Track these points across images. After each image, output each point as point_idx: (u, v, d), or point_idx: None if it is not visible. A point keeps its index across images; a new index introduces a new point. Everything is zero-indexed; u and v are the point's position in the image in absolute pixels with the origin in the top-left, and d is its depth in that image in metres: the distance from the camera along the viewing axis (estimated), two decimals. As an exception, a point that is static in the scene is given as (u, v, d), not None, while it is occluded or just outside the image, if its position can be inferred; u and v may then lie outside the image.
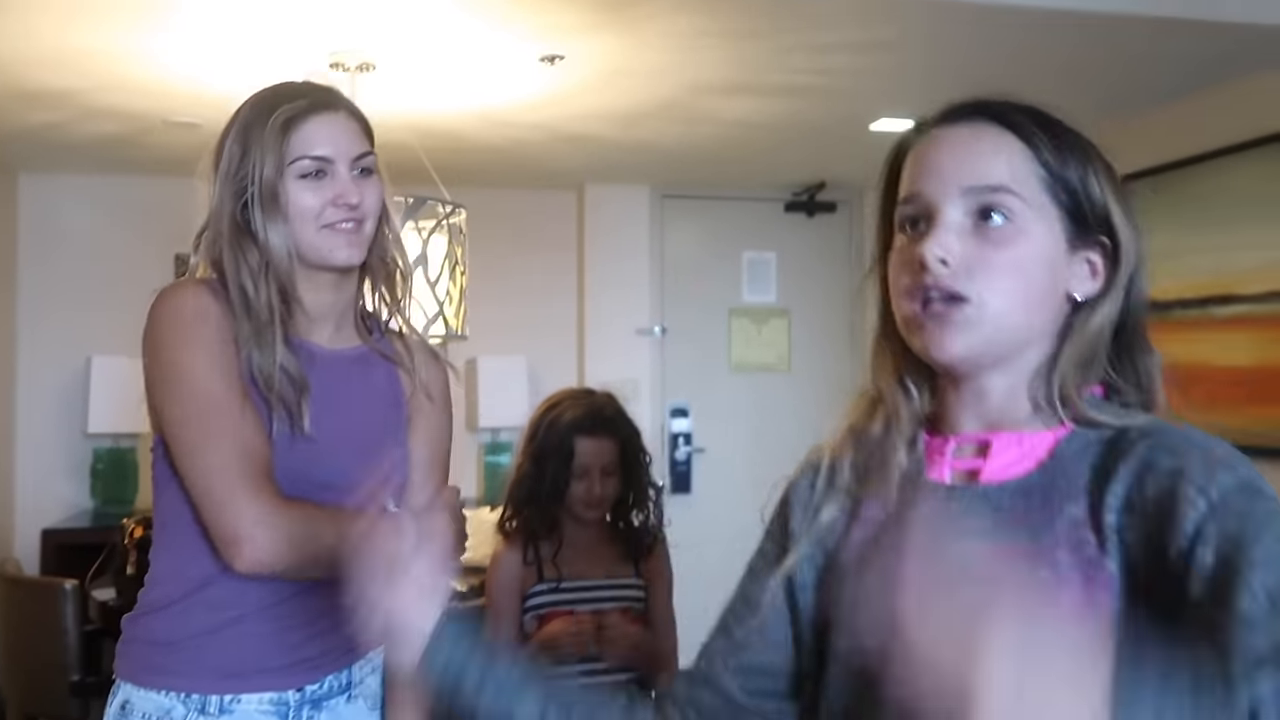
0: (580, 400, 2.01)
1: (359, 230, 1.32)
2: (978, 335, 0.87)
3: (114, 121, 3.60)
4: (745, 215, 5.11)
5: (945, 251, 0.86)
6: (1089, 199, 0.89)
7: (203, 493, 1.24)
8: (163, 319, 1.29)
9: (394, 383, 1.42)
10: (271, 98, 1.32)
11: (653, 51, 2.93)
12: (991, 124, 0.89)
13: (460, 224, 2.82)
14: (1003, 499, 0.87)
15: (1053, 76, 3.18)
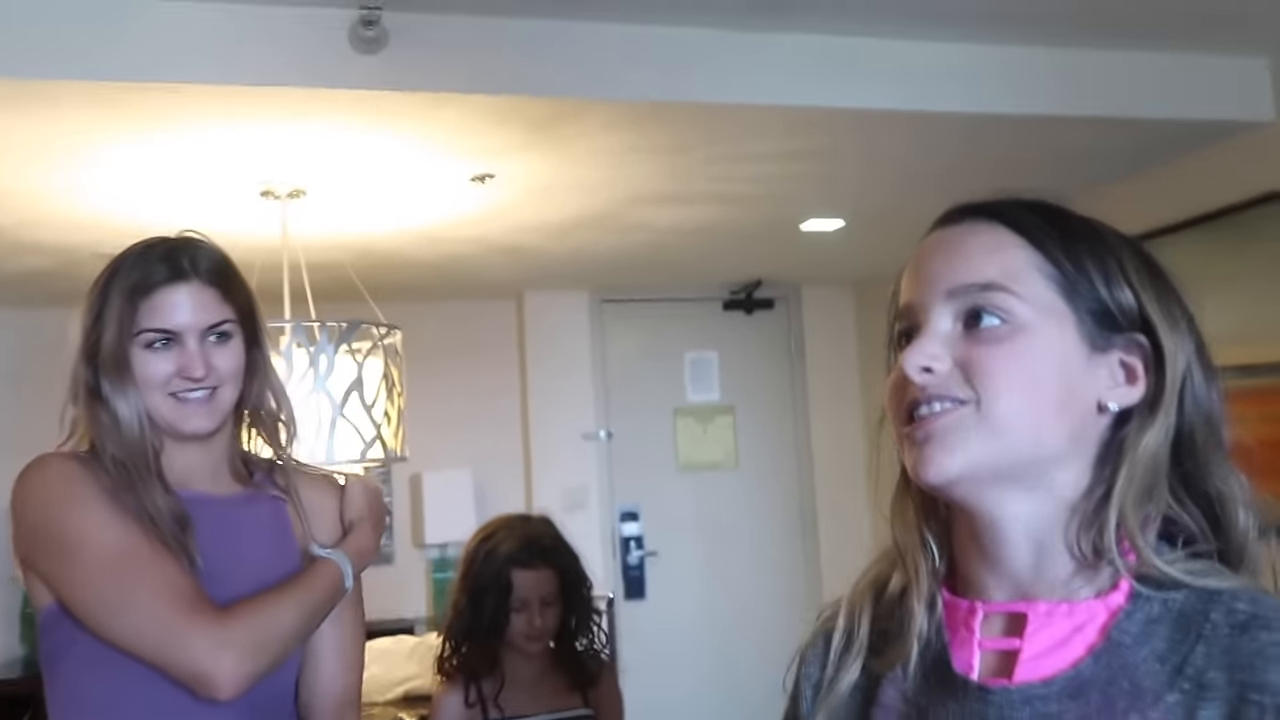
0: (516, 530, 1.97)
1: (211, 399, 1.31)
2: (978, 447, 0.72)
3: (42, 256, 3.56)
4: (685, 315, 5.16)
5: (928, 359, 0.74)
6: (1111, 293, 0.75)
7: (146, 646, 1.20)
8: (32, 490, 1.26)
9: (281, 518, 1.40)
10: (131, 261, 1.31)
11: (583, 168, 2.98)
12: (987, 221, 0.78)
13: (396, 344, 2.81)
14: (1049, 702, 0.70)
15: (983, 173, 3.28)
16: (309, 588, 1.31)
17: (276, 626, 1.24)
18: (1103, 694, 0.68)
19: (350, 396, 2.59)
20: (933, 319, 0.76)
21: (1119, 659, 0.69)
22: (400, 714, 2.58)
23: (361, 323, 2.70)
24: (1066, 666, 0.70)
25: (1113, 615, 0.71)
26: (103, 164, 2.70)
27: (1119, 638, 0.70)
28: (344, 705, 1.41)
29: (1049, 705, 0.69)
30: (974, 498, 0.74)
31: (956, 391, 0.73)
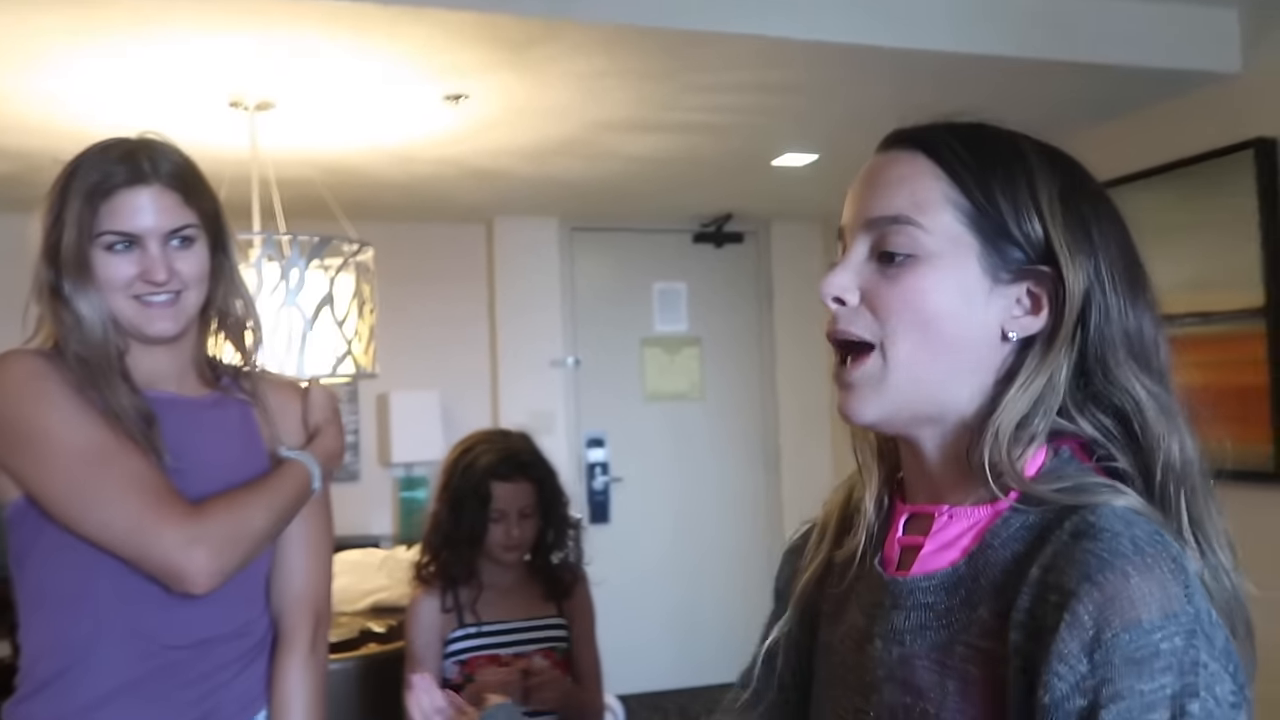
0: (495, 443, 2.01)
1: (175, 302, 1.32)
2: (889, 397, 0.79)
3: (4, 160, 3.50)
4: (654, 246, 5.17)
5: (839, 290, 0.80)
6: (1019, 225, 0.77)
7: (117, 540, 1.22)
8: (1, 386, 1.26)
9: (248, 421, 1.42)
10: (90, 161, 1.30)
11: (555, 91, 2.97)
12: (909, 150, 0.81)
13: (367, 262, 2.81)
14: (929, 595, 0.78)
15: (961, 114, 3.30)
16: (278, 488, 1.33)
17: (247, 524, 1.26)
18: (968, 589, 0.76)
19: (321, 312, 2.60)
20: (851, 249, 0.81)
21: (985, 560, 0.76)
22: (369, 624, 2.63)
23: (333, 238, 2.70)
24: (947, 564, 0.78)
25: (990, 524, 0.77)
26: (67, 69, 2.66)
27: (990, 540, 0.76)
28: (315, 604, 1.45)
29: (927, 596, 0.78)
30: (891, 430, 0.83)
31: (862, 331, 0.79)
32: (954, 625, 0.75)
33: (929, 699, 0.74)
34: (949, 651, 0.75)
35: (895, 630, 0.79)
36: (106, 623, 1.26)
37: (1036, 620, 0.68)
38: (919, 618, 0.78)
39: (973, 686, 0.72)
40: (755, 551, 5.16)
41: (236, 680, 1.35)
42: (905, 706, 0.76)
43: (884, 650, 0.79)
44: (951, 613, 0.76)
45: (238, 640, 1.35)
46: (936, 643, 0.76)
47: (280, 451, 1.40)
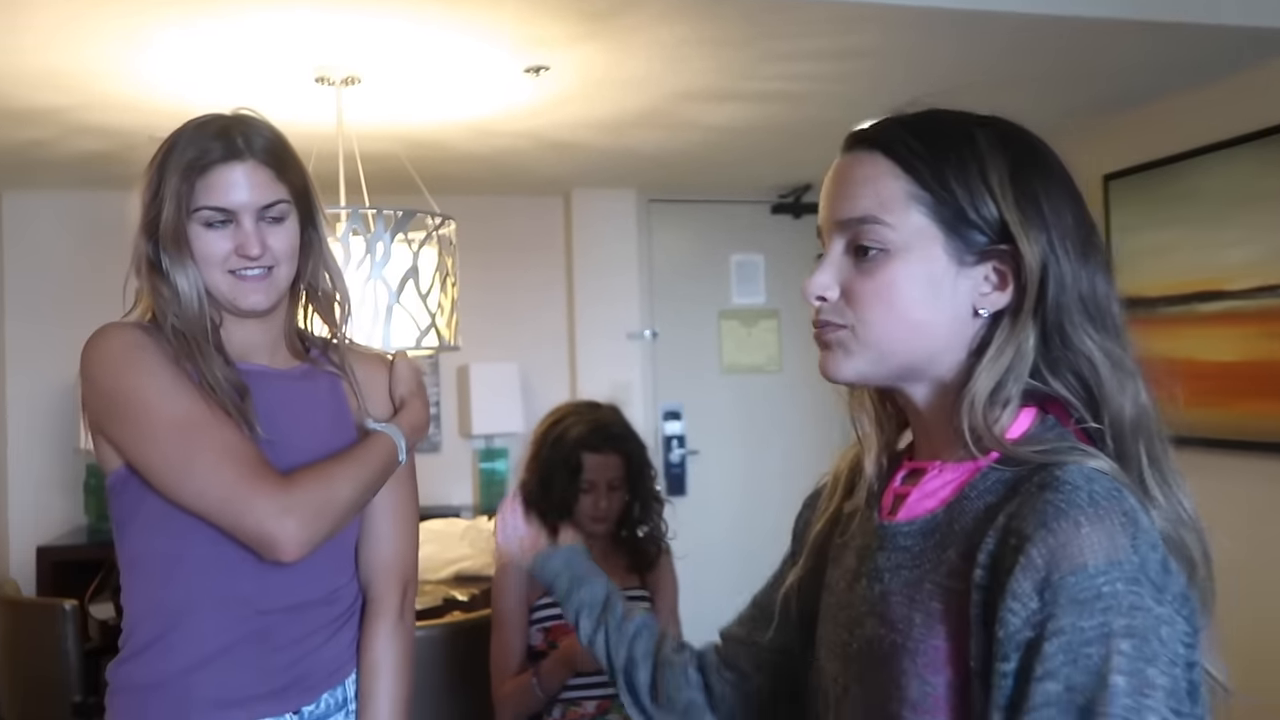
0: (586, 415, 2.01)
1: (267, 277, 1.34)
2: (861, 360, 0.88)
3: (98, 139, 3.60)
4: (732, 218, 5.13)
5: (820, 290, 0.89)
6: (977, 211, 0.84)
7: (211, 508, 1.24)
8: (99, 358, 1.29)
9: (337, 393, 1.44)
10: (186, 137, 1.32)
11: (636, 61, 2.95)
12: (868, 151, 0.88)
13: (450, 235, 2.83)
14: (908, 538, 0.87)
15: (1035, 79, 3.21)
16: (365, 459, 1.35)
17: (335, 494, 1.28)
18: (942, 534, 0.84)
19: (406, 285, 2.62)
20: (829, 248, 0.90)
21: (961, 509, 0.83)
22: (452, 592, 2.68)
23: (417, 211, 2.72)
24: (926, 511, 0.87)
25: (970, 478, 0.85)
26: (157, 45, 2.71)
27: (968, 492, 0.84)
28: (403, 572, 1.47)
29: (906, 539, 0.87)
30: (877, 387, 0.92)
31: (838, 318, 0.88)
32: (924, 565, 0.84)
33: (898, 630, 0.82)
34: (918, 588, 0.83)
35: (878, 569, 0.88)
36: (203, 588, 1.30)
37: (997, 561, 0.76)
38: (897, 558, 0.87)
39: (935, 620, 0.80)
40: (833, 526, 5.12)
41: (326, 645, 1.37)
42: (879, 638, 0.85)
43: (868, 588, 0.88)
44: (924, 554, 0.84)
45: (327, 606, 1.38)
46: (909, 580, 0.84)
47: (366, 424, 1.41)
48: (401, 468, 1.43)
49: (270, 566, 1.27)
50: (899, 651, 0.82)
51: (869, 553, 0.90)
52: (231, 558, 1.28)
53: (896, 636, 0.82)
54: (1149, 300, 3.51)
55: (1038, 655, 0.71)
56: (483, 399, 4.69)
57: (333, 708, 1.38)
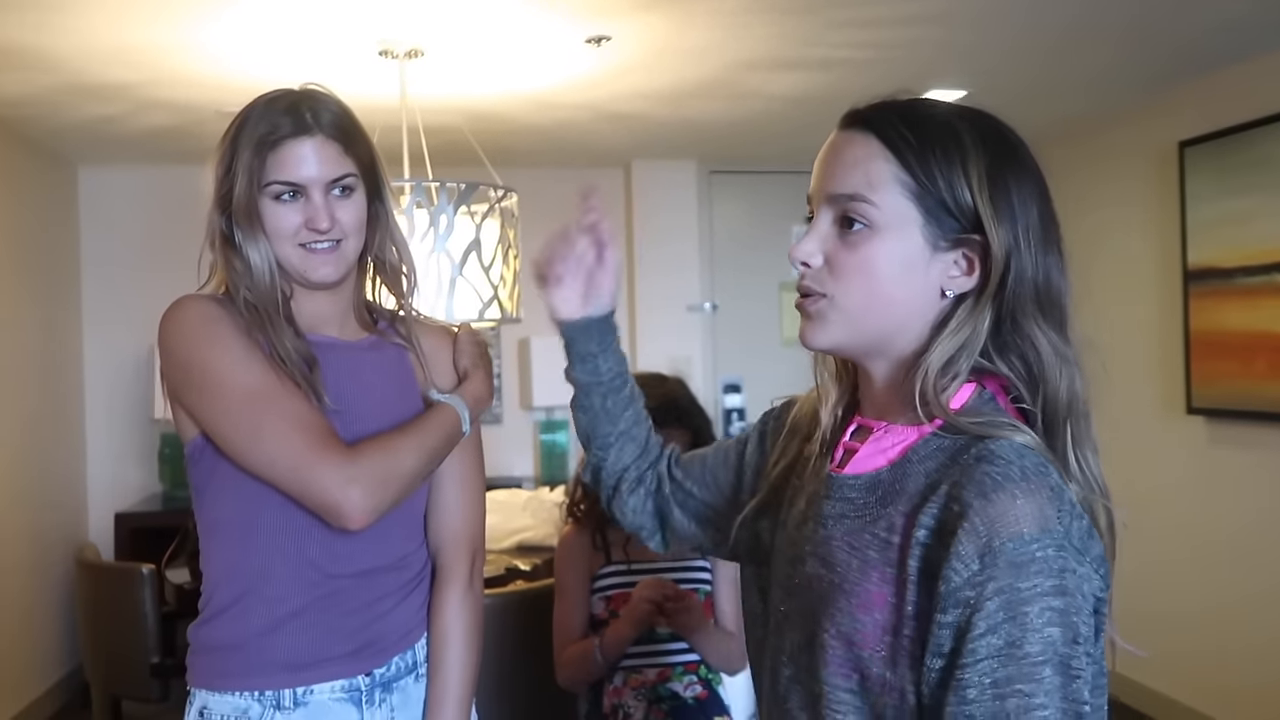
0: (654, 389, 2.01)
1: (336, 250, 1.35)
2: (838, 329, 0.95)
3: (168, 114, 3.67)
4: (793, 189, 5.04)
5: (806, 256, 0.96)
6: (954, 200, 0.91)
7: (280, 477, 1.27)
8: (175, 329, 1.32)
9: (404, 364, 1.46)
10: (257, 113, 1.34)
11: (698, 30, 2.92)
12: (863, 132, 0.94)
13: (512, 207, 2.84)
14: (853, 491, 0.95)
15: (1108, 44, 3.12)
16: (429, 430, 1.36)
17: (400, 464, 1.30)
18: (885, 491, 0.93)
19: (469, 257, 2.64)
20: (817, 217, 0.96)
21: (903, 471, 0.92)
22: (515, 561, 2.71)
23: (479, 184, 2.73)
24: (872, 469, 0.95)
25: (915, 442, 0.93)
26: (224, 21, 2.75)
27: (910, 455, 0.93)
28: (471, 540, 1.49)
29: (851, 492, 0.95)
30: (843, 355, 1.01)
31: (819, 287, 0.95)
32: (866, 517, 0.92)
33: (836, 572, 0.92)
34: (858, 537, 0.92)
35: (823, 515, 0.97)
36: (277, 553, 1.33)
37: (940, 524, 0.85)
38: (841, 508, 0.95)
39: (870, 567, 0.90)
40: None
41: (396, 610, 1.40)
42: (819, 577, 0.94)
43: (813, 531, 0.97)
44: (867, 508, 0.93)
45: (397, 572, 1.41)
46: (850, 529, 0.93)
47: (431, 395, 1.43)
48: (467, 438, 1.45)
49: (338, 533, 1.30)
50: (835, 591, 0.92)
51: (817, 499, 0.99)
52: (301, 524, 1.31)
53: (834, 577, 0.92)
54: (1224, 271, 3.41)
55: (979, 612, 0.81)
56: (543, 371, 4.72)
57: (403, 670, 1.41)
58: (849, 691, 0.89)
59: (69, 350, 4.52)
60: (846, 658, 0.89)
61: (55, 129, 3.92)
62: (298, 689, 1.33)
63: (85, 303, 4.64)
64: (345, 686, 1.35)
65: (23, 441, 3.99)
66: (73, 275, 4.58)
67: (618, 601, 1.97)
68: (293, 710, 1.33)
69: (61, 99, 3.47)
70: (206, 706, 1.34)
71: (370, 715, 1.37)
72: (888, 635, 0.87)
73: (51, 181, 4.39)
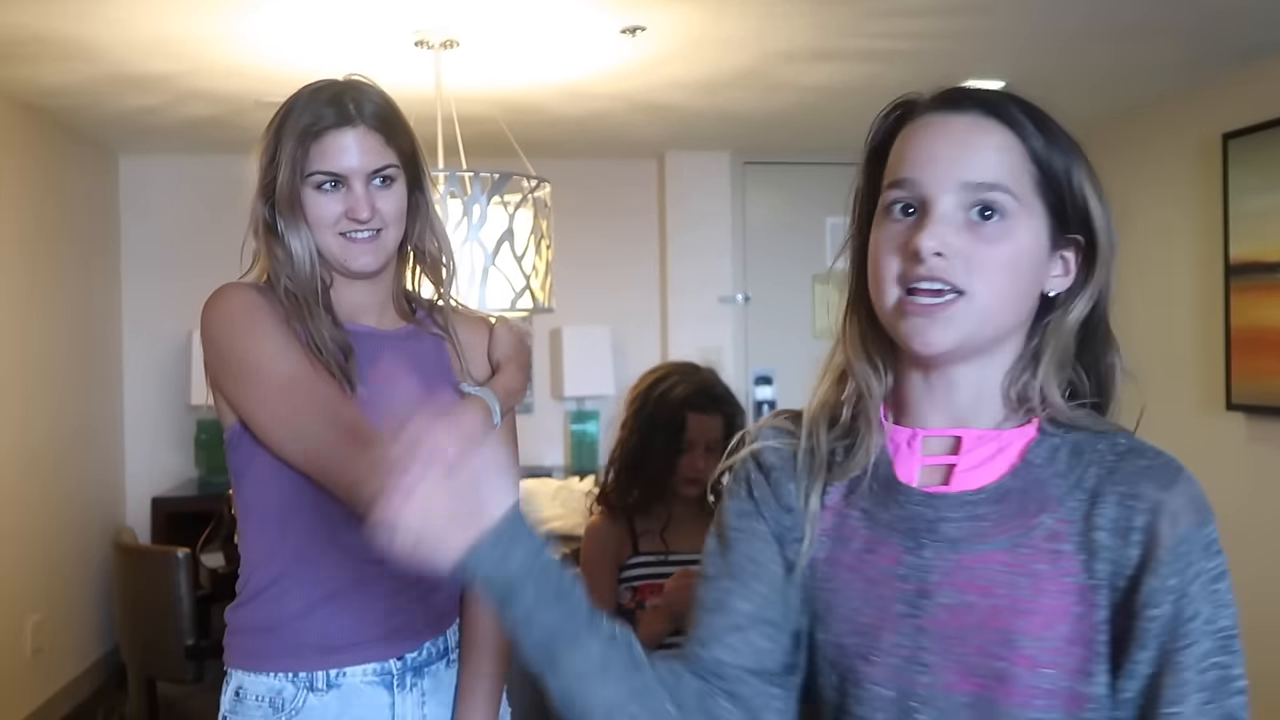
0: (690, 376, 2.01)
1: (377, 239, 1.37)
2: (964, 330, 0.87)
3: (207, 104, 3.71)
4: (828, 180, 5.04)
5: (942, 245, 0.86)
6: (1072, 197, 0.89)
7: (312, 465, 1.29)
8: (216, 317, 1.33)
9: (441, 354, 1.47)
10: (301, 104, 1.36)
11: (733, 20, 2.91)
12: (989, 117, 0.88)
13: (545, 198, 2.85)
14: (979, 505, 0.89)
15: (1150, 31, 3.07)
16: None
17: None
18: (1019, 500, 0.88)
19: (502, 247, 2.65)
20: (943, 205, 0.87)
21: (1031, 475, 0.88)
22: (543, 550, 2.72)
23: (513, 174, 2.74)
24: (993, 480, 0.89)
25: (1027, 444, 0.90)
26: (262, 12, 2.77)
27: (1032, 459, 0.89)
28: None
29: (978, 508, 0.88)
30: (944, 362, 0.91)
31: (956, 280, 0.86)
32: (1012, 531, 0.87)
33: (997, 595, 0.86)
34: (1013, 553, 0.86)
35: (948, 539, 0.88)
36: (312, 538, 1.35)
37: (1119, 523, 0.84)
38: (970, 527, 0.88)
39: (1043, 580, 0.85)
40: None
41: (430, 595, 1.42)
42: (968, 606, 0.86)
43: (935, 557, 0.89)
44: (1005, 520, 0.87)
45: None
46: (999, 546, 0.87)
47: (462, 387, 1.44)
48: (501, 428, 1.45)
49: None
50: (1003, 614, 0.85)
51: (925, 524, 0.90)
52: (336, 509, 1.32)
53: (994, 601, 0.86)
54: (1268, 265, 3.35)
55: (1186, 598, 0.82)
56: (575, 361, 4.73)
57: (434, 655, 1.42)
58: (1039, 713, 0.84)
59: (109, 337, 4.59)
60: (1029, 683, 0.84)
61: (97, 119, 3.97)
62: (330, 671, 1.35)
63: (125, 291, 4.70)
64: (378, 670, 1.37)
65: (62, 427, 4.05)
66: (113, 264, 4.64)
67: (645, 592, 1.97)
68: (325, 692, 1.34)
69: (103, 89, 3.52)
70: (242, 686, 1.36)
71: (402, 699, 1.38)
72: (1077, 647, 0.84)
73: (93, 171, 4.45)
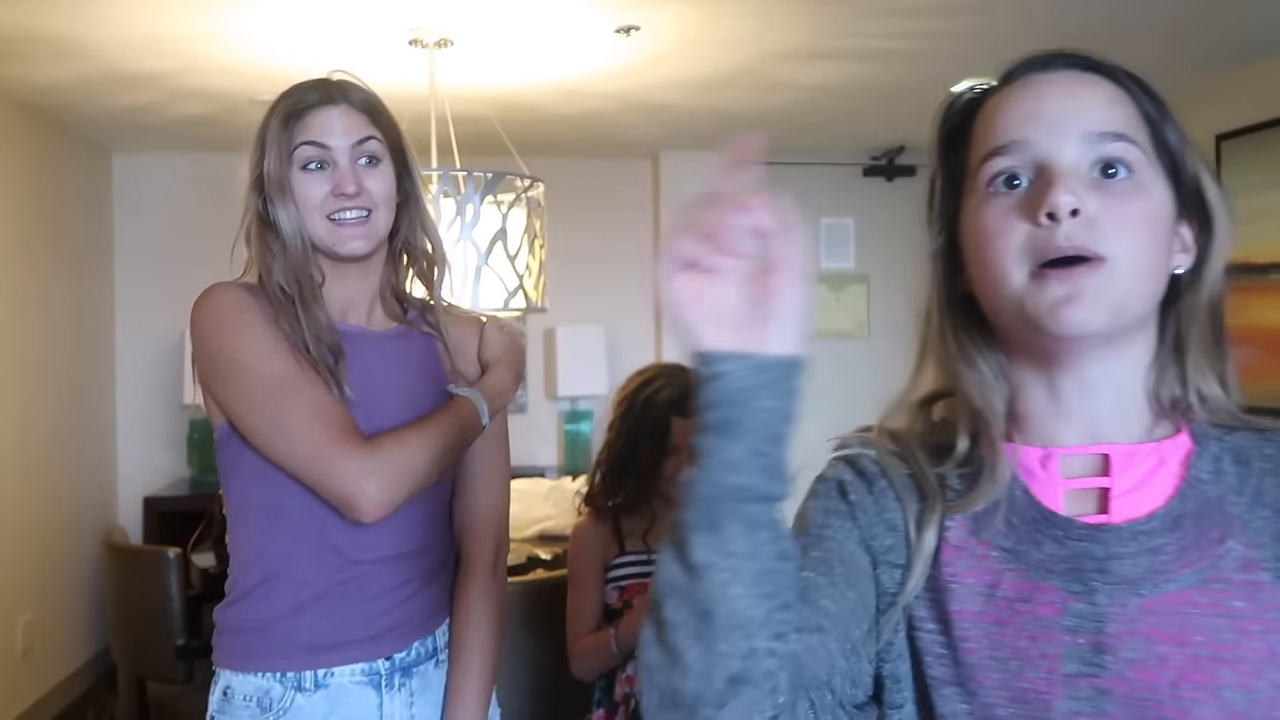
0: (675, 379, 2.01)
1: (367, 221, 1.35)
2: (1110, 303, 0.73)
3: (201, 102, 3.70)
4: (823, 180, 5.05)
5: (1077, 201, 0.73)
6: (1185, 166, 0.78)
7: (299, 467, 1.28)
8: (205, 317, 1.33)
9: (431, 354, 1.46)
10: (288, 94, 1.36)
11: (729, 20, 2.90)
12: (1098, 75, 0.78)
13: (538, 197, 2.84)
14: (1153, 538, 0.75)
15: (1148, 32, 3.07)
16: (446, 424, 1.36)
17: (415, 458, 1.30)
18: (1195, 525, 0.75)
19: (495, 246, 2.65)
20: (1067, 161, 0.75)
21: (1202, 494, 0.77)
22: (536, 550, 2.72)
23: (506, 173, 2.74)
24: (1160, 504, 0.77)
25: (1186, 455, 0.78)
26: (256, 10, 2.76)
27: (1197, 474, 0.77)
28: (496, 528, 1.49)
29: (1154, 539, 0.75)
30: (1087, 351, 0.77)
31: (1098, 246, 0.73)
32: (1197, 563, 0.74)
33: (1195, 643, 0.71)
34: (1204, 590, 0.73)
35: (1125, 579, 0.74)
36: (298, 538, 1.34)
37: None
38: (1149, 562, 0.74)
39: (1245, 620, 0.72)
40: (920, 495, 5.06)
41: (418, 595, 1.41)
42: (1161, 658, 0.72)
43: (1113, 603, 0.74)
44: (1186, 552, 0.74)
45: (419, 558, 1.41)
46: (1185, 584, 0.73)
47: (450, 388, 1.43)
48: (493, 427, 1.45)
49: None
50: (1205, 665, 0.71)
51: (1090, 562, 0.75)
52: (323, 510, 1.32)
53: (1192, 650, 0.71)
54: (1260, 266, 3.36)
55: None
56: (568, 361, 4.72)
57: (423, 656, 1.42)
58: None
59: (102, 336, 4.57)
60: None
61: (90, 117, 3.96)
62: (319, 671, 1.34)
63: (118, 289, 4.69)
64: (365, 670, 1.36)
65: (55, 426, 4.04)
66: (106, 262, 4.62)
67: (632, 591, 1.97)
68: (314, 692, 1.34)
69: (97, 87, 3.51)
70: (230, 686, 1.36)
71: (390, 699, 1.38)
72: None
73: (86, 169, 4.44)
